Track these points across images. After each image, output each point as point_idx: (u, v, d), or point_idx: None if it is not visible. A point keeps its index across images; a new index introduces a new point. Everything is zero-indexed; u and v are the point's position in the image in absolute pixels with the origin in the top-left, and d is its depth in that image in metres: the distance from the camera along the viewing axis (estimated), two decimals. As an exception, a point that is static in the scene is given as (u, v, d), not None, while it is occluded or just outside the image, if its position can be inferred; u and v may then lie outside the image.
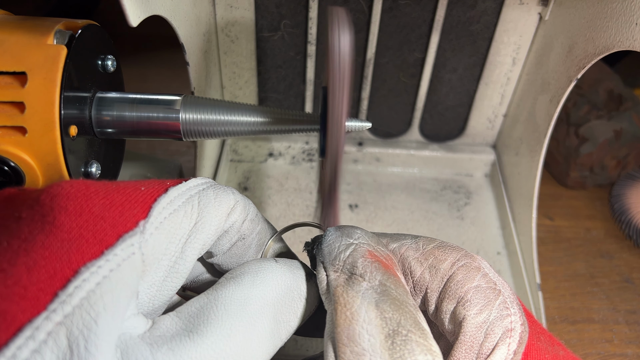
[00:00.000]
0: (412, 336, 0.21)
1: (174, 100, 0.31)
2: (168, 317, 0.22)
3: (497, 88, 0.58)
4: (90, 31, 0.31)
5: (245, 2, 0.51)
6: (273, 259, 0.26)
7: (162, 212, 0.23)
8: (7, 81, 0.28)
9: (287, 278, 0.25)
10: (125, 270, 0.20)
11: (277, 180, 0.62)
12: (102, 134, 0.32)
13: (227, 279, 0.24)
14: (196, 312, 0.22)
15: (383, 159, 0.63)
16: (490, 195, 0.62)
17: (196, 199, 0.24)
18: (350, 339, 0.21)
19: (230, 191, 0.26)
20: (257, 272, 0.24)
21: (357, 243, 0.25)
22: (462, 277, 0.25)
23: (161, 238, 0.22)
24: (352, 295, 0.23)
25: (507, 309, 0.24)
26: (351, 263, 0.24)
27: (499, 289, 0.25)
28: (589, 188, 0.66)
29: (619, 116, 0.61)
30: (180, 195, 0.24)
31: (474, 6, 0.51)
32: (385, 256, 0.26)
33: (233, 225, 0.26)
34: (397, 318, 0.22)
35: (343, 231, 0.26)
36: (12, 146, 0.28)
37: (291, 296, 0.24)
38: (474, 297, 0.24)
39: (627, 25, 0.37)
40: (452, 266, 0.26)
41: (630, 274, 0.57)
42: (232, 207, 0.26)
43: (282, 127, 0.32)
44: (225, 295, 0.23)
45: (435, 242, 0.27)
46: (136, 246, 0.21)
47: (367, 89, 0.58)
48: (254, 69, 0.57)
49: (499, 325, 0.24)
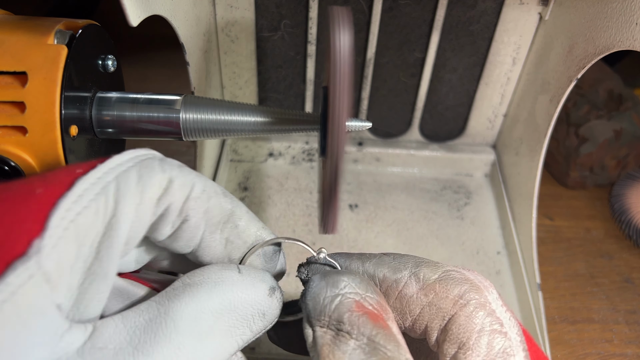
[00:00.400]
0: None
1: (174, 100, 0.31)
2: (112, 322, 0.20)
3: (497, 88, 0.58)
4: (90, 31, 0.31)
5: (245, 2, 0.51)
6: (236, 269, 0.24)
7: (64, 218, 0.19)
8: (7, 81, 0.28)
9: (248, 293, 0.23)
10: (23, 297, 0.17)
11: (277, 180, 0.62)
12: (102, 134, 0.32)
13: (184, 285, 0.22)
14: (144, 325, 0.20)
15: (383, 159, 0.63)
16: (490, 195, 0.62)
17: (112, 187, 0.21)
18: None
19: (160, 168, 0.23)
20: (215, 283, 0.22)
21: (343, 294, 0.23)
22: (464, 319, 0.23)
23: (67, 247, 0.19)
24: (338, 356, 0.21)
25: (512, 356, 0.23)
26: (337, 318, 0.23)
27: (504, 332, 0.23)
28: (589, 188, 0.66)
29: (619, 116, 0.61)
30: (91, 186, 0.20)
31: (474, 6, 0.51)
32: (375, 304, 0.24)
33: (170, 207, 0.23)
34: None
35: (328, 280, 0.24)
36: (13, 146, 0.28)
37: (249, 312, 0.23)
38: (476, 345, 0.23)
39: (627, 25, 0.37)
40: (454, 304, 0.24)
41: (630, 274, 0.57)
42: (165, 187, 0.23)
43: (283, 126, 0.32)
44: (177, 310, 0.21)
45: (438, 272, 0.25)
46: (33, 269, 0.18)
47: (367, 89, 0.58)
48: (254, 69, 0.57)
49: None
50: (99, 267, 0.21)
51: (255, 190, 0.61)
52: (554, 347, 0.50)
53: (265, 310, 0.24)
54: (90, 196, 0.20)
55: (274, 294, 0.24)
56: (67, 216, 0.19)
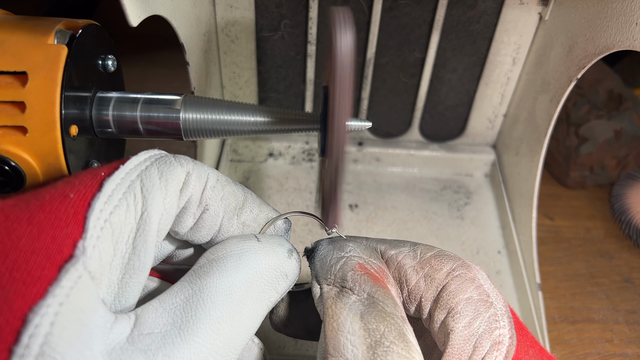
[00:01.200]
0: (394, 347, 0.22)
1: (174, 100, 0.31)
2: (151, 308, 0.21)
3: (497, 88, 0.58)
4: (90, 31, 0.31)
5: (245, 2, 0.51)
6: (254, 238, 0.25)
7: (100, 217, 0.20)
8: (7, 81, 0.28)
9: (270, 258, 0.24)
10: (76, 297, 0.19)
11: (277, 180, 0.62)
12: (102, 134, 0.32)
13: (210, 262, 0.23)
14: (182, 305, 0.21)
15: (383, 159, 0.63)
16: (490, 195, 0.62)
17: (138, 185, 0.22)
18: (336, 350, 0.22)
19: (177, 163, 0.24)
20: (240, 255, 0.23)
21: (348, 256, 0.26)
22: (455, 287, 0.25)
23: (106, 245, 0.20)
24: (339, 307, 0.24)
25: (497, 321, 0.24)
26: (341, 276, 0.25)
27: (490, 301, 0.25)
28: (589, 188, 0.66)
29: (619, 116, 0.61)
30: (118, 186, 0.22)
31: (474, 6, 0.51)
32: (377, 269, 0.26)
33: (191, 199, 0.24)
34: (381, 329, 0.22)
35: (335, 244, 0.27)
36: (13, 146, 0.28)
37: (274, 275, 0.24)
38: (464, 309, 0.24)
39: (627, 25, 0.37)
40: (447, 276, 0.26)
41: (630, 274, 0.57)
42: (184, 180, 0.24)
43: (283, 126, 0.32)
44: (211, 286, 0.22)
45: (434, 250, 0.27)
46: (80, 269, 0.19)
47: (367, 88, 0.58)
48: (254, 69, 0.57)
49: (487, 338, 0.24)
50: (137, 261, 0.22)
51: (255, 190, 0.61)
52: (554, 347, 0.50)
53: (287, 271, 0.25)
54: (119, 195, 0.21)
55: (292, 255, 0.26)
56: (101, 216, 0.20)
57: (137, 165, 0.23)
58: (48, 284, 0.18)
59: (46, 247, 0.19)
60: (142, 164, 0.23)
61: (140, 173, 0.22)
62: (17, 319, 0.18)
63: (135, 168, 0.23)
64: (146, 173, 0.23)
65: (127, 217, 0.21)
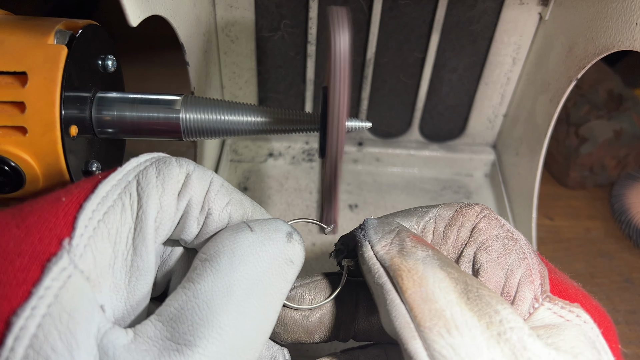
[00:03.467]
0: (483, 292, 0.22)
1: (174, 100, 0.31)
2: (149, 323, 0.20)
3: (497, 88, 0.58)
4: (90, 31, 0.31)
5: (245, 2, 0.51)
6: (247, 226, 0.23)
7: (92, 217, 0.20)
8: (7, 81, 0.28)
9: (268, 247, 0.22)
10: (65, 298, 0.18)
11: (277, 180, 0.62)
12: (102, 134, 0.32)
13: (202, 262, 0.22)
14: (177, 314, 0.20)
15: (383, 159, 0.63)
16: (490, 195, 0.62)
17: (134, 185, 0.22)
18: (426, 299, 0.21)
19: (177, 164, 0.23)
20: (233, 250, 0.22)
21: (399, 228, 0.26)
22: (484, 225, 0.26)
23: (101, 244, 0.20)
24: (412, 262, 0.23)
25: (524, 253, 0.25)
26: (399, 242, 0.24)
27: (515, 237, 0.26)
28: (589, 188, 0.66)
29: (619, 116, 0.61)
30: (114, 187, 0.22)
31: (474, 6, 0.51)
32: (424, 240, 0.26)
33: (191, 201, 0.23)
34: (464, 278, 0.22)
35: (383, 220, 0.27)
36: (13, 146, 0.28)
37: (276, 264, 0.22)
38: (494, 243, 0.25)
39: (627, 25, 0.37)
40: (476, 217, 0.27)
41: (630, 274, 0.57)
42: (183, 181, 0.23)
43: (282, 126, 0.32)
44: (205, 290, 0.20)
45: (455, 205, 0.28)
46: (70, 268, 0.19)
47: (367, 89, 0.58)
48: (254, 69, 0.57)
49: (518, 267, 0.25)
50: (140, 261, 0.21)
51: (255, 190, 0.61)
52: (554, 347, 0.50)
53: (291, 256, 0.23)
54: (114, 196, 0.21)
55: (293, 237, 0.24)
56: (94, 216, 0.20)
57: (136, 167, 0.23)
58: (31, 286, 0.18)
59: (33, 249, 0.19)
60: (142, 165, 0.23)
61: (138, 174, 0.22)
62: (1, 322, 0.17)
63: (133, 169, 0.23)
64: (144, 173, 0.22)
65: (123, 217, 0.21)
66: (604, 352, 0.22)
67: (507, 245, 0.25)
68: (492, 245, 0.25)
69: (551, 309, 0.23)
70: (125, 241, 0.21)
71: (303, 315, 0.26)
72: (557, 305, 0.23)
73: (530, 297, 0.24)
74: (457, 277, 0.22)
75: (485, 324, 0.20)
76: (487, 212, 0.27)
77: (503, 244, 0.25)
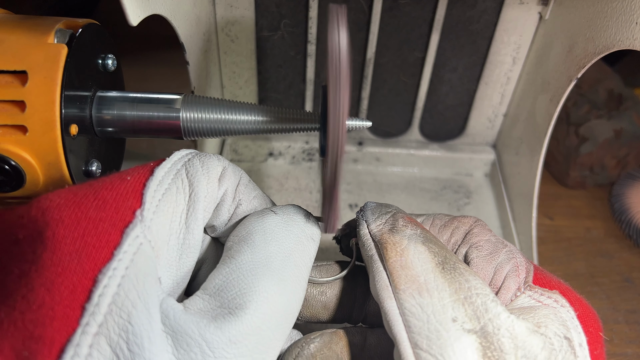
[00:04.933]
0: (459, 265, 0.24)
1: (174, 99, 0.31)
2: (196, 297, 0.22)
3: (497, 87, 0.58)
4: (90, 30, 0.31)
5: (245, 2, 0.51)
6: (270, 211, 0.26)
7: (154, 195, 0.23)
8: (7, 80, 0.28)
9: (292, 226, 0.26)
10: (140, 263, 0.21)
11: (277, 180, 0.62)
12: (102, 133, 0.32)
13: (238, 242, 0.24)
14: (223, 285, 0.22)
15: (383, 159, 0.63)
16: (490, 195, 0.62)
17: (184, 172, 0.25)
18: (404, 266, 0.24)
19: (215, 157, 0.26)
20: (264, 229, 0.25)
21: (395, 211, 0.29)
22: (477, 231, 0.29)
23: (162, 220, 0.23)
24: (398, 237, 0.26)
25: (513, 254, 0.27)
26: (392, 222, 0.27)
27: (505, 244, 0.28)
28: (589, 188, 0.66)
29: (619, 116, 0.61)
30: (167, 172, 0.24)
31: (474, 5, 0.51)
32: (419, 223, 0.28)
33: (227, 191, 0.26)
34: (443, 253, 0.25)
35: (381, 204, 0.30)
36: (13, 145, 0.28)
37: (301, 240, 0.25)
38: (485, 244, 0.27)
39: (627, 25, 0.37)
40: (470, 225, 0.29)
41: (630, 273, 0.57)
42: (221, 172, 0.26)
43: (283, 126, 0.32)
44: (247, 261, 0.23)
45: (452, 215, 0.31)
46: (141, 236, 0.21)
47: (367, 88, 0.58)
48: (254, 69, 0.57)
49: (506, 264, 0.26)
50: (192, 238, 0.24)
51: (255, 189, 0.61)
52: (554, 347, 0.50)
53: (312, 234, 0.26)
54: (169, 180, 0.24)
55: (310, 218, 0.27)
56: (156, 195, 0.23)
57: (181, 158, 0.26)
58: (113, 249, 0.20)
59: (111, 216, 0.21)
60: (185, 157, 0.26)
61: (184, 163, 0.25)
62: (89, 280, 0.20)
63: (179, 160, 0.25)
64: (190, 163, 0.25)
65: (177, 199, 0.24)
66: (574, 330, 0.23)
67: (497, 248, 0.27)
68: (482, 246, 0.27)
69: (531, 295, 0.25)
70: (179, 220, 0.23)
71: (320, 291, 0.29)
72: (536, 292, 0.25)
73: (514, 287, 0.26)
74: (437, 251, 0.25)
75: (454, 288, 0.23)
76: (481, 223, 0.30)
77: (494, 246, 0.27)
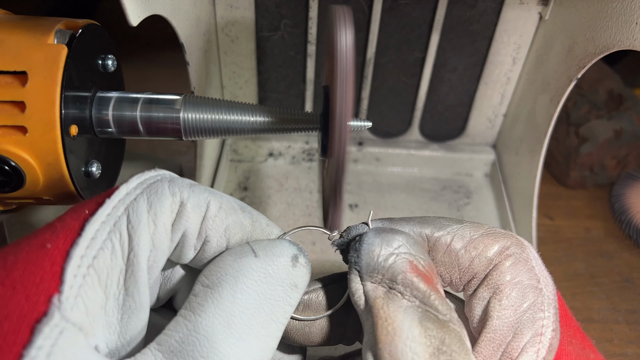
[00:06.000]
0: (456, 356, 0.21)
1: (174, 99, 0.31)
2: (149, 353, 0.20)
3: (497, 88, 0.58)
4: (90, 31, 0.31)
5: (245, 2, 0.51)
6: (251, 251, 0.22)
7: (81, 266, 0.19)
8: (7, 80, 0.28)
9: (272, 272, 0.22)
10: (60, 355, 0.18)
11: (277, 180, 0.62)
12: (102, 134, 0.32)
13: (204, 288, 0.21)
14: (178, 348, 0.19)
15: (383, 159, 0.63)
16: (490, 195, 0.62)
17: (124, 221, 0.21)
18: (393, 356, 0.20)
19: (169, 192, 0.22)
20: (236, 278, 0.21)
21: (398, 253, 0.23)
22: (506, 267, 0.24)
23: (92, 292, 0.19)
24: (393, 309, 0.22)
25: (542, 311, 0.23)
26: (391, 277, 0.23)
27: (540, 288, 0.24)
28: (589, 188, 0.66)
29: (619, 116, 0.61)
30: (102, 226, 0.20)
31: (474, 6, 0.51)
32: (427, 267, 0.24)
33: (187, 232, 0.22)
34: (442, 336, 0.21)
35: (383, 238, 0.24)
36: (13, 145, 0.28)
37: (280, 290, 0.22)
38: (511, 293, 0.23)
39: (627, 25, 0.37)
40: (499, 255, 0.24)
41: (630, 273, 0.57)
42: (177, 210, 0.22)
43: (283, 126, 0.32)
44: (206, 323, 0.20)
45: (483, 228, 0.25)
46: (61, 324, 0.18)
47: (367, 88, 0.58)
48: (254, 69, 0.57)
49: (529, 327, 0.23)
50: (132, 302, 0.21)
51: (255, 190, 0.61)
52: (554, 347, 0.50)
53: (296, 281, 0.23)
54: (103, 236, 0.20)
55: (298, 261, 0.23)
56: (83, 263, 0.19)
57: (126, 196, 0.21)
58: (22, 348, 0.17)
59: (20, 308, 0.18)
60: (132, 193, 0.22)
61: (127, 206, 0.21)
62: None
63: (123, 200, 0.21)
64: (134, 207, 0.21)
65: (113, 260, 0.20)
66: None
67: (526, 298, 0.23)
68: (508, 296, 0.23)
69: None
70: (117, 283, 0.20)
71: (304, 323, 0.26)
72: None
73: None
74: (435, 334, 0.21)
75: None
76: (515, 250, 0.24)
77: (522, 295, 0.23)
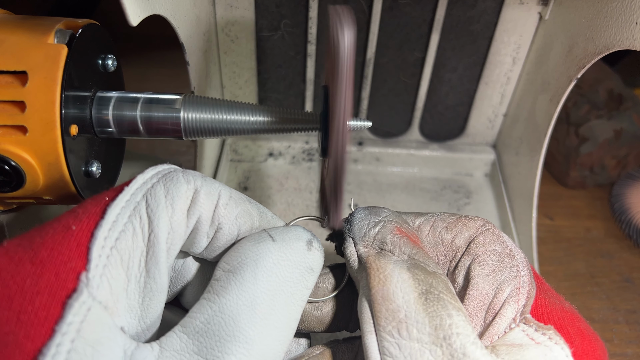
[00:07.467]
0: (443, 296, 0.22)
1: (174, 99, 0.31)
2: (174, 335, 0.20)
3: (497, 87, 0.58)
4: (90, 30, 0.31)
5: (245, 2, 0.51)
6: (269, 237, 0.23)
7: (104, 246, 0.20)
8: (7, 80, 0.28)
9: (290, 256, 0.23)
10: (89, 331, 0.18)
11: (277, 180, 0.62)
12: (102, 133, 0.32)
13: (226, 273, 0.22)
14: (203, 328, 0.20)
15: (383, 159, 0.63)
16: (490, 195, 0.62)
17: (143, 206, 0.21)
18: (385, 298, 0.22)
19: (184, 180, 0.23)
20: (256, 261, 0.22)
21: (385, 220, 0.26)
22: (482, 239, 0.26)
23: (115, 272, 0.20)
24: (384, 262, 0.24)
25: (517, 271, 0.25)
26: (380, 239, 0.25)
27: (513, 255, 0.26)
28: (589, 188, 0.66)
29: (619, 116, 0.61)
30: (123, 210, 0.21)
31: (474, 6, 0.51)
32: (412, 233, 0.26)
33: (201, 217, 0.23)
34: (429, 280, 0.23)
35: (371, 210, 0.27)
36: (13, 145, 0.28)
37: (297, 273, 0.23)
38: (489, 258, 0.26)
39: (627, 25, 0.37)
40: (476, 230, 0.27)
41: (630, 273, 0.57)
42: (192, 197, 0.23)
43: (283, 126, 0.32)
44: (231, 304, 0.21)
45: (458, 214, 0.28)
46: (89, 301, 0.19)
47: (367, 88, 0.58)
48: (254, 69, 0.57)
49: (508, 284, 0.25)
50: (153, 283, 0.21)
51: (255, 190, 0.61)
52: (554, 347, 0.50)
53: (311, 264, 0.24)
54: (124, 219, 0.21)
55: (312, 245, 0.25)
56: (106, 244, 0.20)
57: (143, 184, 0.22)
58: (54, 323, 0.18)
59: (50, 285, 0.19)
60: (149, 181, 0.23)
61: (145, 193, 0.22)
62: None
63: (141, 187, 0.22)
64: (151, 192, 0.22)
65: (134, 241, 0.21)
66: None
67: (502, 262, 0.25)
68: (486, 260, 0.25)
69: (524, 330, 0.24)
70: (138, 264, 0.21)
71: (315, 306, 0.27)
72: (531, 327, 0.24)
73: (511, 316, 0.24)
74: (423, 278, 0.23)
75: (434, 325, 0.21)
76: (488, 227, 0.27)
77: (498, 260, 0.25)
